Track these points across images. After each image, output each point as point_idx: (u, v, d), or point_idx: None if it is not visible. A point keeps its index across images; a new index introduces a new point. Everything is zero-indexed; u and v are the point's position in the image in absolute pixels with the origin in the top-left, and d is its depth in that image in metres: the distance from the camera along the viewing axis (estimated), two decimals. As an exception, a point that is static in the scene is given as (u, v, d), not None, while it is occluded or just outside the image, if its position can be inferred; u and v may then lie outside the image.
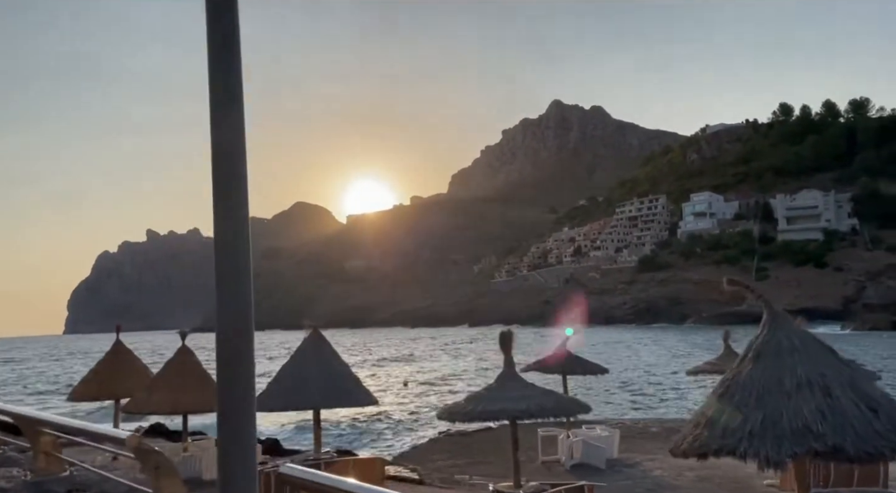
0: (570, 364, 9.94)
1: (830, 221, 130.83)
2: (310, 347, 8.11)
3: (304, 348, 8.10)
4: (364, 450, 15.74)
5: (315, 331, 8.10)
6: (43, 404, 30.27)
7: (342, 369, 7.99)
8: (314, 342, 8.14)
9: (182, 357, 9.81)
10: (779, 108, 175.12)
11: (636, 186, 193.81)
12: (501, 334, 6.30)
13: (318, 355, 8.00)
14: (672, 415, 18.09)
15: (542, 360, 10.38)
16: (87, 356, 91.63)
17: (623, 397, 26.15)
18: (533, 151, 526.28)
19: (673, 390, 27.58)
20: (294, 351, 8.19)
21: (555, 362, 9.94)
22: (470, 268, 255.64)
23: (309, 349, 8.07)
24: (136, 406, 9.45)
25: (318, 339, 8.16)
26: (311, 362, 7.90)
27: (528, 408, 5.72)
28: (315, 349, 8.07)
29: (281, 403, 7.73)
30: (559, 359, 10.06)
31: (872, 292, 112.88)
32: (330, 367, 7.91)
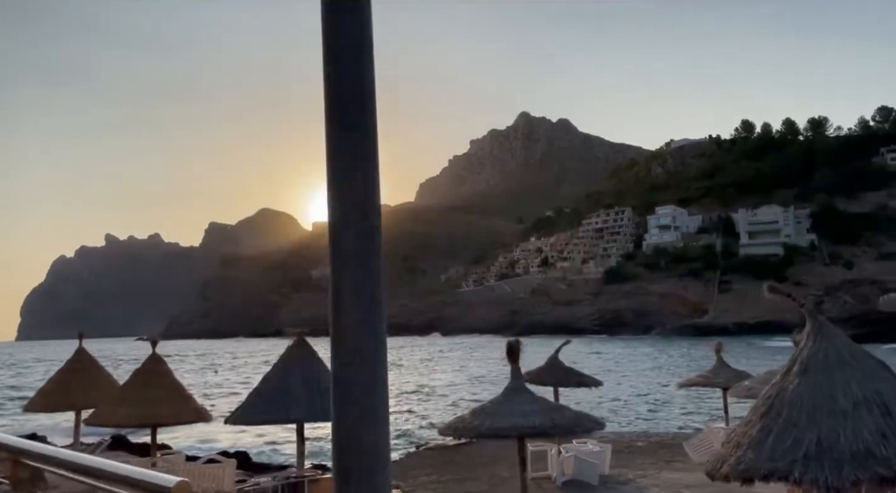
0: (563, 376, 9.57)
1: (790, 237, 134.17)
2: (294, 356, 7.56)
3: (288, 358, 7.55)
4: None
5: (300, 339, 7.56)
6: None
7: (327, 381, 7.45)
8: (299, 351, 7.59)
9: (152, 366, 9.14)
10: (741, 124, 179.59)
11: (602, 198, 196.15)
12: (509, 344, 5.87)
13: (303, 364, 7.46)
14: (659, 429, 17.81)
15: (535, 371, 9.99)
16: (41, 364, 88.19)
17: (609, 410, 25.59)
18: (500, 162, 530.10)
19: (665, 404, 26.89)
20: (277, 360, 7.63)
21: (547, 374, 9.57)
22: (437, 277, 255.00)
23: (293, 359, 7.52)
24: (101, 418, 8.75)
25: (304, 347, 7.62)
26: (295, 372, 7.36)
27: (540, 424, 5.28)
28: (300, 359, 7.53)
29: (262, 416, 7.17)
30: (552, 370, 9.69)
31: (830, 306, 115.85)
32: (316, 378, 7.37)
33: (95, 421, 8.82)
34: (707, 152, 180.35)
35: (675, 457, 11.14)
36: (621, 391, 30.23)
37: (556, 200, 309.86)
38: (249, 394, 7.45)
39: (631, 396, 29.16)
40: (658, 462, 10.95)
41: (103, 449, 11.18)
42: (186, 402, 8.91)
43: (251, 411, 7.17)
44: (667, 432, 16.59)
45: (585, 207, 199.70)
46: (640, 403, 27.26)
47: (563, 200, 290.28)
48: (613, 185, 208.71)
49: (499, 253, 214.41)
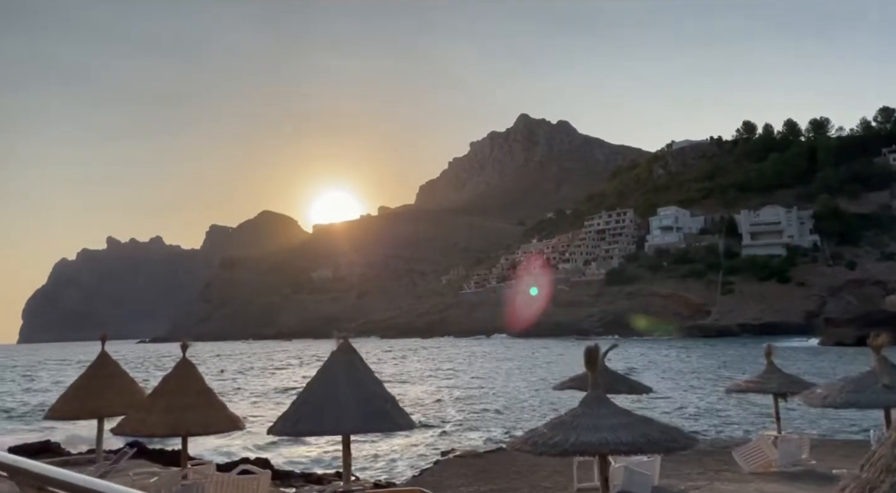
0: (612, 382, 9.14)
1: (793, 237, 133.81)
2: (340, 362, 7.14)
3: (334, 364, 7.13)
4: (360, 473, 14.69)
5: (345, 343, 7.14)
6: (13, 424, 27.55)
7: (377, 389, 7.04)
8: (345, 357, 7.18)
9: (182, 371, 8.72)
10: (742, 126, 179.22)
11: (604, 199, 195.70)
12: (588, 349, 5.44)
13: (349, 371, 7.04)
14: (703, 436, 17.07)
15: (581, 376, 9.56)
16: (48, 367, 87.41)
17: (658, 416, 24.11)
18: (500, 164, 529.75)
19: (707, 411, 25.10)
20: (321, 367, 7.22)
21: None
22: (437, 279, 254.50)
23: (339, 365, 7.10)
24: (129, 427, 8.35)
25: (349, 353, 7.20)
26: (341, 379, 6.94)
27: (631, 441, 4.80)
28: (346, 365, 7.11)
29: (308, 426, 6.75)
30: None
31: (833, 306, 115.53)
32: (364, 386, 6.96)
33: (124, 430, 8.41)
34: (708, 154, 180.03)
35: (724, 466, 10.73)
36: (654, 397, 28.58)
37: (556, 202, 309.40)
38: (293, 403, 7.04)
39: (665, 401, 27.36)
40: (707, 472, 10.54)
41: (127, 459, 10.77)
42: (218, 409, 8.52)
43: (296, 421, 6.76)
44: (712, 439, 15.97)
45: (587, 208, 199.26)
46: (677, 408, 25.96)
47: (562, 202, 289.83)
48: (615, 186, 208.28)
49: (500, 255, 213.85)
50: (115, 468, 10.15)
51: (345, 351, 7.18)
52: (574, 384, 9.51)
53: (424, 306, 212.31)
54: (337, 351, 7.24)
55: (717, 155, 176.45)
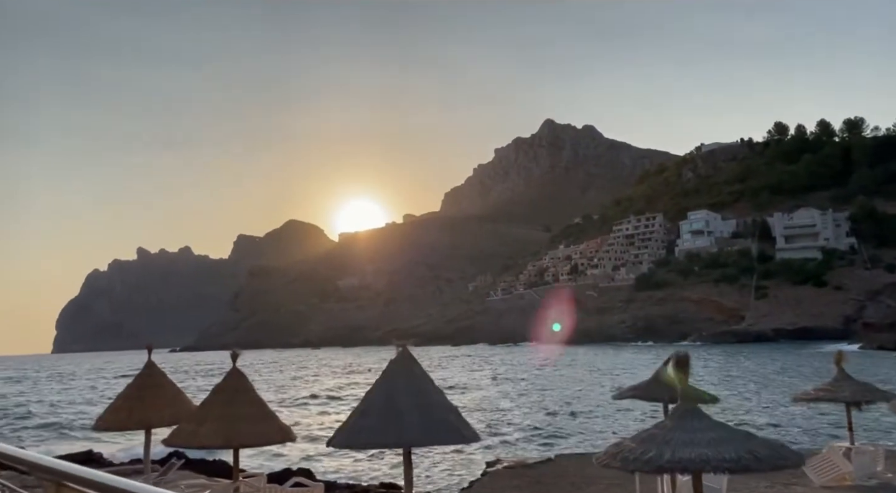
0: (672, 391, 8.66)
1: (829, 240, 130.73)
2: (400, 371, 6.83)
3: (393, 373, 6.82)
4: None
5: (405, 351, 6.83)
6: (63, 436, 27.57)
7: (439, 398, 6.71)
8: (405, 365, 6.87)
9: (234, 381, 8.50)
10: (774, 127, 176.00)
11: (632, 204, 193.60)
12: (677, 357, 5.04)
13: (410, 381, 6.73)
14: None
15: (643, 385, 9.13)
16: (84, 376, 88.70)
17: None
18: (525, 170, 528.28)
19: (772, 419, 23.56)
20: (382, 375, 6.92)
21: (658, 388, 8.71)
22: (463, 286, 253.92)
23: (399, 374, 6.79)
24: (181, 438, 8.14)
25: (409, 361, 6.89)
26: (402, 389, 6.63)
27: (737, 458, 4.33)
28: (406, 374, 6.80)
29: (368, 439, 6.44)
30: (662, 383, 8.82)
31: (872, 311, 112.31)
32: (426, 395, 6.64)
33: (175, 442, 8.20)
34: (739, 156, 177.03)
35: (794, 480, 10.17)
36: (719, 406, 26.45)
37: (582, 208, 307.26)
38: (352, 414, 6.74)
39: (727, 410, 25.24)
40: (776, 486, 9.99)
41: (175, 470, 10.61)
42: (270, 421, 8.28)
43: (356, 433, 6.44)
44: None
45: (614, 213, 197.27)
46: (740, 416, 24.31)
47: (588, 207, 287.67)
48: (643, 191, 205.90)
49: (527, 261, 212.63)
50: (164, 480, 9.98)
51: (404, 359, 6.88)
52: (635, 394, 9.06)
53: (451, 313, 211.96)
54: (396, 359, 6.93)
55: (748, 157, 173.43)
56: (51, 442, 24.73)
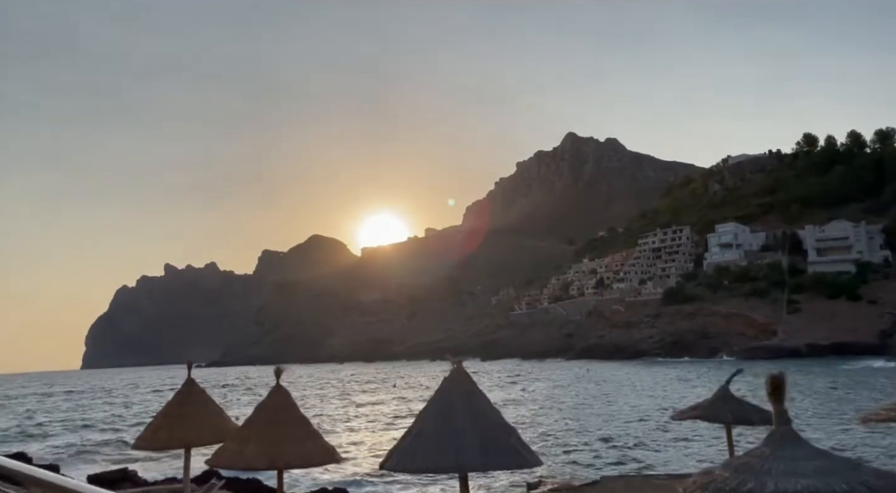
0: (740, 410, 8.19)
1: (862, 253, 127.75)
2: (455, 389, 6.48)
3: (448, 392, 6.47)
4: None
5: (459, 368, 6.48)
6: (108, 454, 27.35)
7: (498, 420, 6.34)
8: (460, 383, 6.52)
9: (278, 400, 8.20)
10: (803, 138, 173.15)
11: (657, 217, 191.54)
12: (772, 377, 4.62)
13: (466, 400, 6.37)
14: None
15: (702, 404, 8.66)
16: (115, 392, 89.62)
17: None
18: (548, 184, 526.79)
19: (853, 442, 22.24)
20: (436, 393, 6.59)
21: (720, 408, 8.25)
22: (486, 300, 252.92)
23: (455, 393, 6.43)
24: (226, 458, 7.82)
25: (464, 379, 6.54)
26: (459, 408, 6.26)
27: (850, 491, 3.94)
28: (463, 393, 6.44)
29: (425, 462, 6.07)
30: (724, 403, 8.37)
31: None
32: (484, 416, 6.26)
33: (219, 462, 7.88)
34: (767, 167, 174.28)
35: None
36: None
37: (605, 221, 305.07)
38: (406, 435, 6.39)
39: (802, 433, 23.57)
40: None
41: (217, 491, 10.36)
42: (315, 440, 7.94)
43: (412, 455, 6.06)
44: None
45: (639, 226, 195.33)
46: (819, 440, 22.85)
47: (612, 221, 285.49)
48: (668, 203, 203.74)
49: (550, 275, 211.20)
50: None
51: (459, 377, 6.55)
52: (697, 414, 8.55)
53: (475, 327, 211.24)
54: (450, 377, 6.59)
55: (776, 169, 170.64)
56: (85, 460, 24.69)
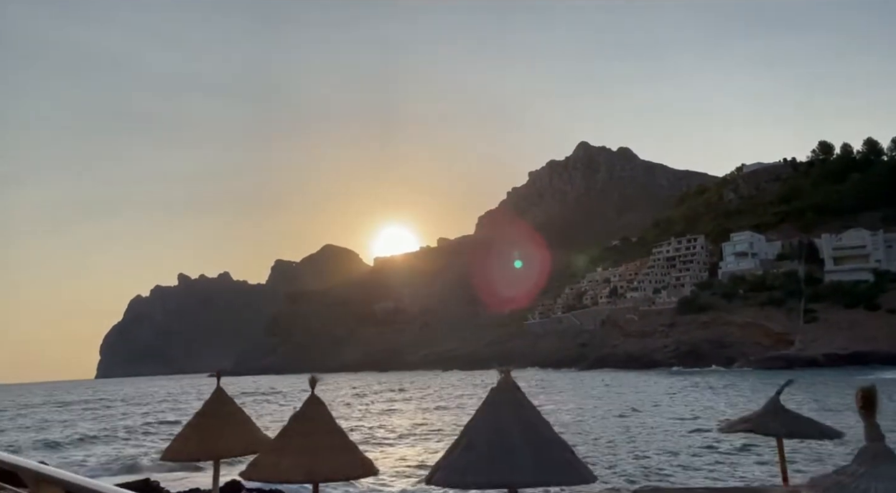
0: (793, 423, 7.83)
1: (880, 262, 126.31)
2: (504, 400, 6.24)
3: (497, 403, 6.23)
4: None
5: (507, 377, 6.25)
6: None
7: (550, 433, 6.09)
8: (509, 394, 6.28)
9: (312, 410, 7.98)
10: (818, 146, 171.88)
11: (671, 226, 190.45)
12: (863, 390, 4.35)
13: (517, 411, 6.13)
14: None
15: (753, 417, 8.31)
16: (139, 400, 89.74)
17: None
18: (560, 193, 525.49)
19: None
20: (483, 404, 6.35)
21: (771, 420, 7.90)
22: (500, 309, 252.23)
23: (504, 405, 6.19)
24: (261, 471, 7.61)
25: (513, 389, 6.30)
26: (509, 419, 6.02)
27: None
28: (513, 404, 6.20)
29: (475, 477, 5.83)
30: (775, 415, 8.02)
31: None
32: (536, 430, 6.02)
33: (254, 475, 7.68)
34: (783, 176, 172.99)
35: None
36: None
37: (618, 230, 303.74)
38: (453, 448, 6.15)
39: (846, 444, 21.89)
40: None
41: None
42: (352, 453, 7.71)
43: (461, 470, 5.84)
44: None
45: (653, 235, 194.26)
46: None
47: (624, 230, 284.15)
48: (682, 212, 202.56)
49: (564, 284, 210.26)
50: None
51: (508, 387, 6.30)
52: (747, 427, 8.20)
53: (488, 336, 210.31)
54: (499, 387, 6.34)
55: (791, 177, 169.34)
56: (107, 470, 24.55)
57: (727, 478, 18.28)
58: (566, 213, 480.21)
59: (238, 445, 9.27)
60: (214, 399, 9.79)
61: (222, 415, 9.59)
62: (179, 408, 67.61)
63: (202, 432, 9.40)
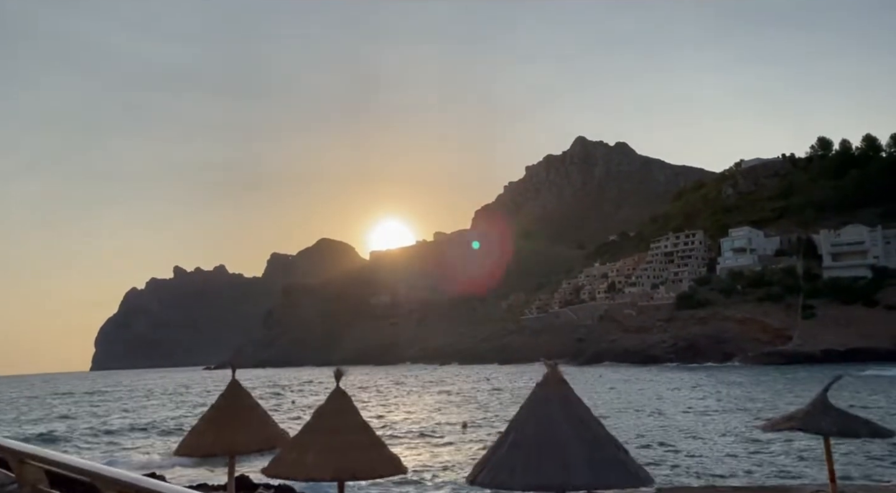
0: (842, 422, 7.43)
1: (878, 258, 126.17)
2: (552, 396, 5.83)
3: (544, 399, 5.82)
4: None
5: (555, 372, 5.83)
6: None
7: (602, 431, 5.69)
8: (557, 389, 5.87)
9: (337, 404, 7.57)
10: (817, 142, 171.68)
11: (669, 221, 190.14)
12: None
13: (566, 408, 5.72)
14: None
15: (800, 414, 7.91)
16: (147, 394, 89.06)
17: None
18: (557, 188, 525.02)
19: None
20: (529, 400, 5.94)
21: (819, 418, 7.51)
22: (496, 304, 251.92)
23: (552, 401, 5.78)
24: (286, 468, 7.19)
25: (560, 384, 5.89)
26: (559, 416, 5.61)
27: None
28: (561, 400, 5.79)
29: (524, 479, 5.42)
30: (824, 413, 7.64)
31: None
32: (588, 427, 5.61)
33: (277, 472, 7.27)
34: (781, 172, 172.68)
35: None
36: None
37: (616, 225, 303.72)
38: (497, 446, 5.75)
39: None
40: None
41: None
42: (380, 449, 7.31)
43: (509, 470, 5.43)
44: None
45: (651, 230, 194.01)
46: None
47: (621, 225, 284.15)
48: (680, 207, 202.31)
49: (561, 279, 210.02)
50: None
51: (555, 382, 5.90)
52: (793, 425, 7.77)
53: (485, 331, 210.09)
54: (545, 382, 5.93)
55: (790, 173, 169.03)
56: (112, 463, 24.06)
57: (769, 478, 17.65)
58: (563, 207, 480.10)
59: (256, 440, 8.85)
60: (230, 393, 9.37)
61: (239, 409, 9.17)
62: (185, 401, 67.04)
63: (219, 426, 8.96)
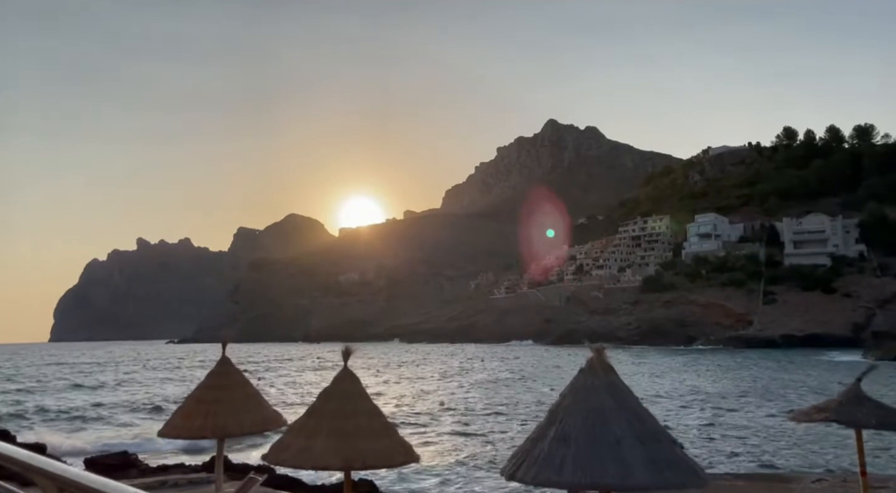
0: (880, 414, 7.06)
1: (838, 247, 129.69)
2: (600, 384, 5.21)
3: (591, 387, 5.20)
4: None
5: (600, 356, 5.17)
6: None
7: (655, 424, 5.11)
8: (604, 376, 5.25)
9: (345, 386, 6.92)
10: (783, 132, 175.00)
11: (637, 205, 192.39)
12: None
13: (616, 398, 5.11)
14: None
15: (832, 405, 7.52)
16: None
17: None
18: (527, 169, 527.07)
19: None
20: (572, 387, 5.33)
21: (853, 409, 7.13)
22: (465, 284, 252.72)
23: (600, 390, 5.16)
24: (290, 455, 6.50)
25: (608, 371, 5.28)
26: (609, 409, 4.97)
27: None
28: (610, 389, 5.18)
29: (574, 477, 4.79)
30: (857, 404, 7.26)
31: (882, 319, 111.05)
32: (641, 420, 5.00)
33: (281, 459, 6.57)
34: (747, 160, 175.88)
35: None
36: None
37: (584, 208, 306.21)
38: (538, 438, 5.10)
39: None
40: None
41: (256, 490, 9.05)
42: (392, 436, 6.66)
43: (556, 465, 4.76)
44: None
45: (619, 214, 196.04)
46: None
47: (590, 208, 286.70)
48: (648, 192, 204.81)
49: (530, 260, 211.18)
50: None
51: (602, 369, 5.32)
52: (826, 416, 7.32)
53: (453, 311, 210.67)
54: (590, 369, 5.32)
55: (756, 161, 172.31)
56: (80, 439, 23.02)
57: (802, 468, 16.95)
58: (533, 189, 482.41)
59: (248, 422, 8.17)
60: (219, 371, 8.65)
61: (230, 388, 8.46)
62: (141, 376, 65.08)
63: (208, 407, 8.24)
